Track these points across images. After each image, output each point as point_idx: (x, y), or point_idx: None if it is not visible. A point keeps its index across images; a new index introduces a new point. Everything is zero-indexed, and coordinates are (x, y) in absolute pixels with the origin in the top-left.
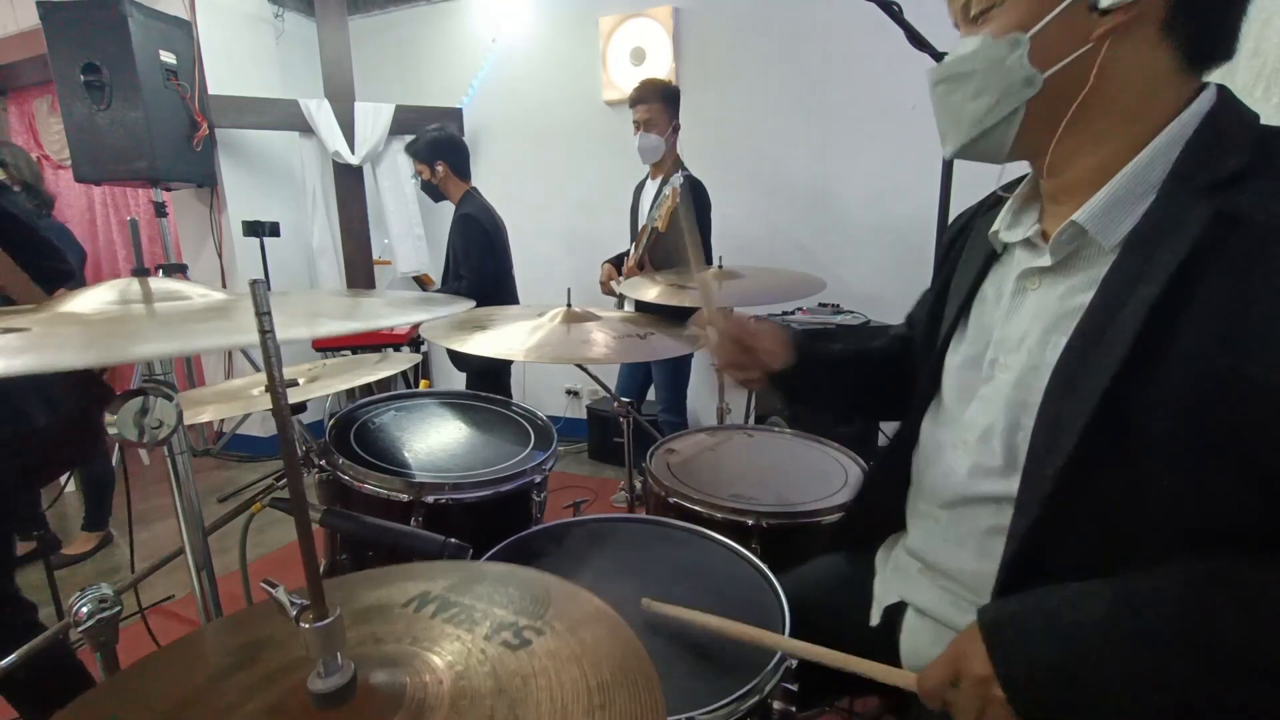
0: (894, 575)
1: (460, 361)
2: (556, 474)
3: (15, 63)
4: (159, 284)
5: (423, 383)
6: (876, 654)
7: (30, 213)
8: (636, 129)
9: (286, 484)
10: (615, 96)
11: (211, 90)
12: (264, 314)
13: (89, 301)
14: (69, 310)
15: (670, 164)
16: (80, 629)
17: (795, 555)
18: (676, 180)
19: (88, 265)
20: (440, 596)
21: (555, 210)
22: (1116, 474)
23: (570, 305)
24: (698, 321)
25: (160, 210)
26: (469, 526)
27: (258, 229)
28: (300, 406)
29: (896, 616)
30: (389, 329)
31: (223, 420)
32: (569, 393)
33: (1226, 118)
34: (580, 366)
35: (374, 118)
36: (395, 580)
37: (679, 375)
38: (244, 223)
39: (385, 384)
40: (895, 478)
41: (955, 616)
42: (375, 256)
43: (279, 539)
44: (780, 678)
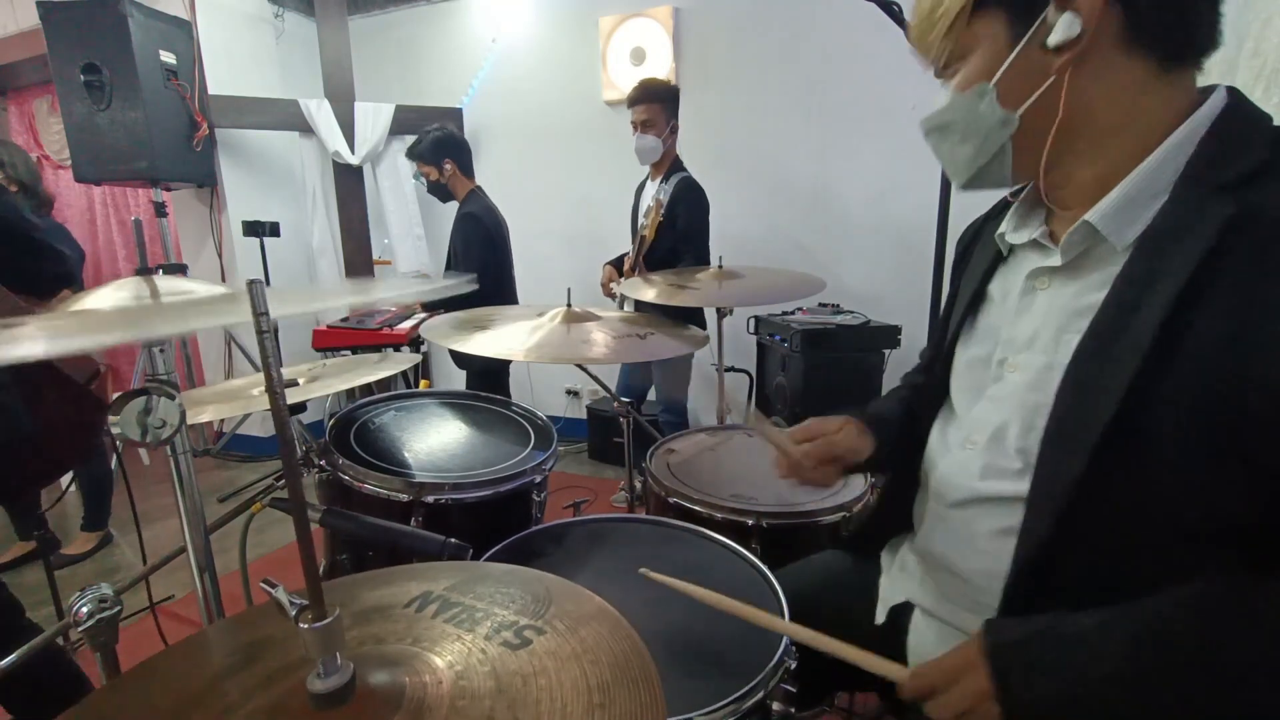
0: (900, 575)
1: (461, 361)
2: (556, 474)
3: (15, 63)
4: (165, 282)
5: (423, 383)
6: (881, 654)
7: (26, 214)
8: (635, 129)
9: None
10: (615, 96)
11: (211, 90)
12: (262, 314)
13: (99, 301)
14: (80, 310)
15: (670, 164)
16: (80, 629)
17: (795, 555)
18: (664, 193)
19: (87, 265)
20: (441, 597)
21: (555, 210)
22: (1131, 473)
23: (570, 305)
24: (779, 462)
25: (160, 210)
26: (469, 526)
27: (258, 229)
28: (300, 406)
29: (903, 617)
30: (389, 327)
31: (223, 420)
32: (569, 393)
33: (1239, 118)
34: (580, 366)
35: (374, 118)
36: (397, 581)
37: (679, 375)
38: (244, 223)
39: (385, 384)
40: (903, 479)
41: (963, 618)
42: (375, 256)
43: (279, 539)
44: (780, 678)
